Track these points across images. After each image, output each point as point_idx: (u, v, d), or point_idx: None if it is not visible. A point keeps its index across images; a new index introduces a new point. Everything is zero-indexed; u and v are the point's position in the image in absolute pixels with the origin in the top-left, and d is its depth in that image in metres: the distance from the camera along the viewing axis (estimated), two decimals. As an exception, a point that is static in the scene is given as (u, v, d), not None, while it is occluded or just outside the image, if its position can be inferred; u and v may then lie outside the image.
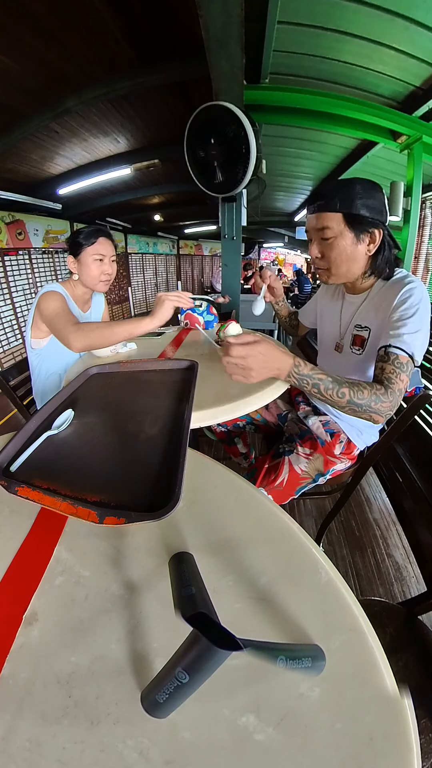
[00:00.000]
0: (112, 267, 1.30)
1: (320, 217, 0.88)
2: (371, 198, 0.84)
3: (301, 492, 0.99)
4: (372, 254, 0.89)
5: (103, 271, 1.27)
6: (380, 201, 0.86)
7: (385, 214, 0.87)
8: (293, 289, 7.98)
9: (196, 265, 11.71)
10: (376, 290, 0.94)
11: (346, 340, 1.02)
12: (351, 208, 0.84)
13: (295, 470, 0.97)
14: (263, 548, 0.45)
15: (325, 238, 0.88)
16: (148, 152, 3.68)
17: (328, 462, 1.00)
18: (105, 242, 1.25)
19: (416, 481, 1.69)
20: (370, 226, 0.85)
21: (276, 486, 0.95)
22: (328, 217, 0.87)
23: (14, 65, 2.13)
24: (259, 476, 0.97)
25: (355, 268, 0.91)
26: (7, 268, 4.75)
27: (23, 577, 0.41)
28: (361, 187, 0.84)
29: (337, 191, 0.86)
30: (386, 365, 0.78)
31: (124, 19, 1.89)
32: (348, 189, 0.84)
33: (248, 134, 1.81)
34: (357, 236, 0.86)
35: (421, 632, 0.73)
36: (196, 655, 0.26)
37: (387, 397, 0.74)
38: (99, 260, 1.25)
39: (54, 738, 0.28)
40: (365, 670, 0.33)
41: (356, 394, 0.73)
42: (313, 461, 0.99)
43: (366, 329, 0.95)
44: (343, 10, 1.61)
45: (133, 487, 0.50)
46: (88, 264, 1.25)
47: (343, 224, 0.86)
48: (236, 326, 1.10)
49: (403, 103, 2.26)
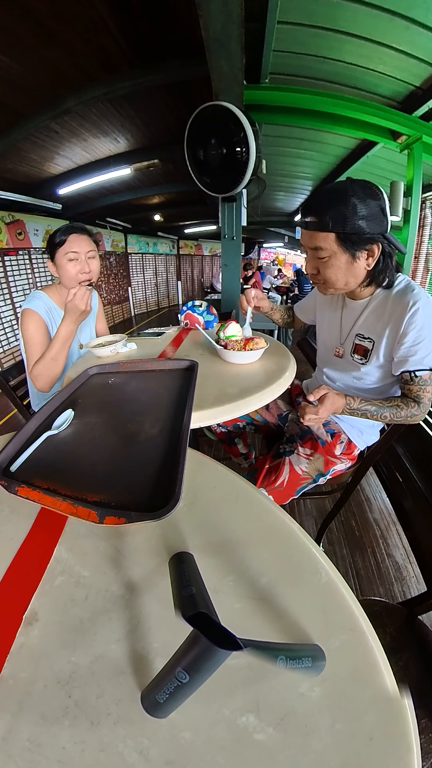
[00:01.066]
0: (92, 264, 1.21)
1: (312, 237, 0.82)
2: (367, 210, 0.77)
3: (302, 492, 0.99)
4: (371, 268, 0.85)
5: (81, 270, 1.18)
6: (379, 208, 0.78)
7: (385, 223, 0.80)
8: (293, 289, 7.98)
9: (196, 265, 11.72)
10: (378, 298, 0.91)
11: (347, 346, 1.01)
12: (345, 227, 0.77)
13: (296, 471, 0.97)
14: (263, 548, 0.45)
15: (319, 257, 0.85)
16: (148, 152, 3.69)
17: (328, 462, 1.00)
18: (77, 238, 1.16)
19: (416, 481, 1.69)
20: (367, 243, 0.80)
21: (277, 486, 0.95)
22: (320, 237, 0.81)
23: (14, 65, 2.13)
24: (260, 477, 0.97)
25: (353, 283, 0.88)
26: (7, 268, 4.75)
27: (23, 577, 0.41)
28: (356, 199, 0.76)
29: (328, 208, 0.78)
30: (413, 387, 0.87)
31: (124, 19, 1.90)
32: (341, 206, 0.76)
33: (248, 134, 1.81)
34: (353, 255, 0.81)
35: (421, 632, 0.73)
36: (196, 655, 0.26)
37: (419, 410, 0.87)
38: (74, 259, 1.17)
39: (54, 738, 0.28)
40: (365, 670, 0.33)
41: (395, 414, 0.87)
42: (313, 462, 0.99)
43: (369, 341, 0.93)
44: (343, 10, 1.61)
45: (133, 487, 0.50)
46: (63, 265, 1.17)
47: (336, 245, 0.80)
48: (236, 326, 1.10)
49: (403, 103, 2.26)
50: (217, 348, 1.03)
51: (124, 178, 4.10)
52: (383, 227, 0.79)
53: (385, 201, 0.79)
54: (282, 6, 1.54)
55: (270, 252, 13.10)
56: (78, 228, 1.19)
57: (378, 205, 0.78)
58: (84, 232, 1.20)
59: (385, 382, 0.97)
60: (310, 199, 0.85)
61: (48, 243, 1.20)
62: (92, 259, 1.21)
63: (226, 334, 1.07)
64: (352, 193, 0.76)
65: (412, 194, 2.39)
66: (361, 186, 0.78)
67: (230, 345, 1.03)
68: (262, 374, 0.94)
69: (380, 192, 0.79)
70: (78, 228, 1.19)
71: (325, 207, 0.79)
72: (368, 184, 0.79)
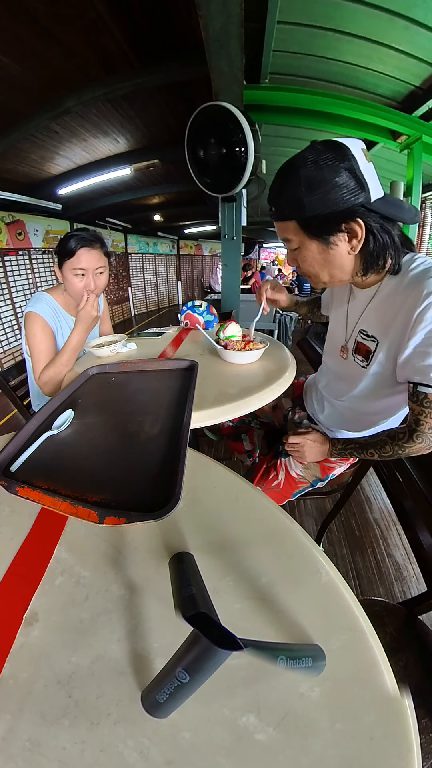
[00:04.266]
0: (99, 280, 1.14)
1: (279, 228, 0.71)
2: (329, 181, 0.59)
3: (300, 495, 0.98)
4: (360, 251, 0.68)
5: (86, 285, 1.12)
6: (347, 175, 0.59)
7: (360, 191, 0.60)
8: (293, 288, 7.98)
9: (196, 265, 11.71)
10: (388, 287, 0.73)
11: (351, 344, 0.86)
12: (300, 210, 0.63)
13: (291, 475, 0.96)
14: (263, 548, 0.45)
15: (291, 249, 0.73)
16: (148, 152, 3.69)
17: (325, 468, 0.98)
18: (87, 253, 1.09)
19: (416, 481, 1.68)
20: (340, 222, 0.63)
21: (273, 487, 0.94)
22: (283, 227, 0.69)
23: (14, 65, 2.13)
24: (257, 476, 0.97)
25: (340, 273, 0.72)
26: (7, 268, 4.75)
27: (23, 577, 0.41)
28: (308, 172, 0.59)
29: (280, 192, 0.65)
30: (415, 406, 0.69)
31: (124, 19, 1.90)
32: (291, 184, 0.62)
33: (246, 134, 1.81)
34: (324, 241, 0.66)
35: (421, 632, 0.73)
36: (196, 655, 0.26)
37: (413, 442, 0.70)
38: (80, 275, 1.11)
39: (54, 738, 0.28)
40: (365, 670, 0.33)
41: (380, 451, 0.78)
42: (309, 467, 0.97)
43: (372, 340, 0.77)
44: (342, 10, 1.61)
45: (133, 487, 0.50)
46: (69, 278, 1.12)
47: (301, 233, 0.67)
48: (236, 326, 1.10)
49: (402, 103, 2.27)
50: (217, 348, 1.03)
51: (124, 178, 4.09)
52: (361, 197, 0.61)
53: (356, 160, 0.60)
54: (282, 6, 1.54)
55: (270, 252, 13.09)
56: (90, 240, 1.10)
57: (344, 170, 0.59)
58: (96, 244, 1.11)
59: (392, 392, 0.80)
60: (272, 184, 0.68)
61: (58, 248, 1.13)
62: (101, 275, 1.15)
63: (226, 334, 1.07)
64: (302, 164, 0.60)
65: (412, 194, 2.40)
66: (314, 151, 0.60)
67: (230, 345, 1.03)
68: (262, 374, 0.94)
69: (345, 151, 0.59)
70: (90, 240, 1.10)
71: (278, 191, 0.66)
72: (326, 145, 0.61)
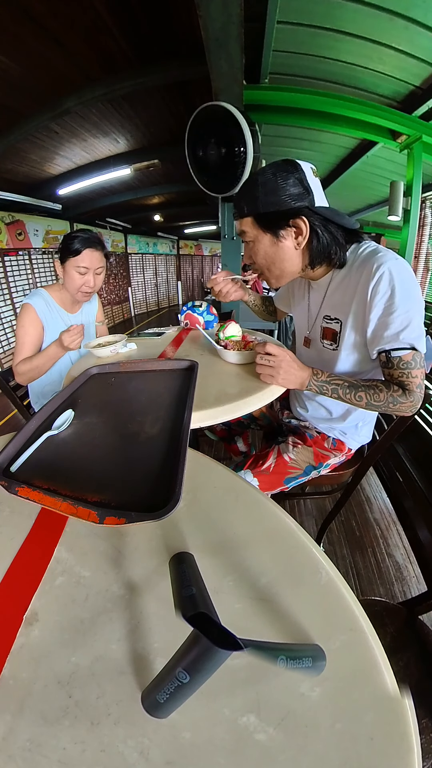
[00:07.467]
0: (97, 279, 1.28)
1: (239, 224, 0.84)
2: (280, 186, 0.74)
3: (292, 484, 0.97)
4: (305, 245, 0.80)
5: (85, 283, 1.25)
6: (295, 181, 0.75)
7: (306, 196, 0.75)
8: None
9: (196, 265, 11.72)
10: (341, 273, 0.84)
11: (315, 333, 0.94)
12: (257, 207, 0.77)
13: (283, 457, 0.95)
14: (263, 548, 0.45)
15: (246, 242, 0.85)
16: (147, 152, 3.69)
17: (318, 455, 0.98)
18: (91, 254, 1.22)
19: (416, 481, 1.69)
20: (286, 218, 0.76)
21: (263, 470, 0.93)
22: (242, 222, 0.83)
23: (14, 65, 2.13)
24: (249, 461, 0.96)
25: (289, 266, 0.83)
26: (7, 268, 4.75)
27: (24, 578, 0.41)
28: (265, 178, 0.75)
29: (242, 195, 0.80)
30: (393, 371, 0.76)
31: (124, 19, 1.90)
32: (251, 187, 0.78)
33: (245, 134, 1.81)
34: (275, 235, 0.79)
35: (421, 632, 0.73)
36: (196, 655, 0.26)
37: (406, 398, 0.76)
38: (83, 273, 1.23)
39: (54, 738, 0.28)
40: (366, 670, 0.33)
41: (372, 397, 0.77)
42: (301, 451, 0.97)
43: (336, 321, 0.86)
44: (342, 10, 1.61)
45: (133, 487, 0.50)
46: (70, 274, 1.23)
47: (256, 227, 0.80)
48: (236, 326, 1.10)
49: (402, 103, 2.27)
50: (217, 348, 1.03)
51: (124, 178, 4.10)
52: (305, 200, 0.75)
53: (304, 174, 0.76)
54: (282, 6, 1.54)
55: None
56: (94, 242, 1.22)
57: (294, 179, 0.75)
58: (99, 247, 1.24)
59: (365, 368, 0.87)
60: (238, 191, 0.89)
61: (62, 245, 1.22)
62: (99, 275, 1.28)
63: (226, 334, 1.07)
64: (261, 173, 0.77)
65: (411, 194, 2.39)
66: (272, 166, 0.77)
67: (230, 345, 1.03)
68: (262, 374, 0.94)
69: (296, 166, 0.76)
70: (94, 242, 1.22)
71: (239, 194, 0.82)
72: (282, 161, 0.77)
